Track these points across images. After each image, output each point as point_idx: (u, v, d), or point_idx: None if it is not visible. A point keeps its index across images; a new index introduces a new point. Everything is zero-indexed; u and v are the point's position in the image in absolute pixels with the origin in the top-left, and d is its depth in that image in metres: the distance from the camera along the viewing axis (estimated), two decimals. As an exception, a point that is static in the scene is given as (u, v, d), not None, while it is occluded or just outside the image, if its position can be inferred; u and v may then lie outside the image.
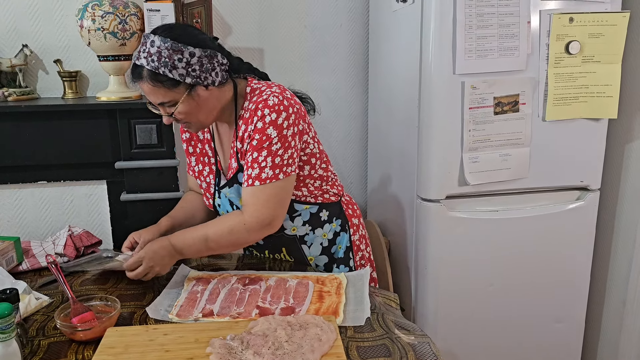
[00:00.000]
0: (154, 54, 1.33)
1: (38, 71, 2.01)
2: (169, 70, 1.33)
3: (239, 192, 1.51)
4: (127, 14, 1.82)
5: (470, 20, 1.77)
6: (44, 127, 1.87)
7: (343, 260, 1.67)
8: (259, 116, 1.40)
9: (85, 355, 1.17)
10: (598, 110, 1.92)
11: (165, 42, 1.33)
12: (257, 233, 1.45)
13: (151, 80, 1.35)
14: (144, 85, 1.37)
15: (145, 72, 1.34)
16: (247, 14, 2.27)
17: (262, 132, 1.40)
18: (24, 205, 1.98)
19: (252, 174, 1.42)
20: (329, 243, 1.65)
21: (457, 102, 1.83)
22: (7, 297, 1.17)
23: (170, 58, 1.33)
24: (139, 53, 1.36)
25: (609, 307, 2.25)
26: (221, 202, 1.59)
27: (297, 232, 1.60)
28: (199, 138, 1.63)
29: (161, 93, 1.36)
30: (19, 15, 1.95)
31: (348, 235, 1.68)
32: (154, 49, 1.33)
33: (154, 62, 1.33)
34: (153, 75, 1.34)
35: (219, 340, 1.15)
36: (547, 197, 2.01)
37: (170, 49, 1.33)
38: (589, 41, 1.86)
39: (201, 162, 1.63)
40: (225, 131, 1.56)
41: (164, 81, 1.34)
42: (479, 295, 2.02)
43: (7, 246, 1.60)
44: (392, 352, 1.18)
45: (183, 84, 1.36)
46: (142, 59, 1.34)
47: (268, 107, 1.40)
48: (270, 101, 1.40)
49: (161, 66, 1.33)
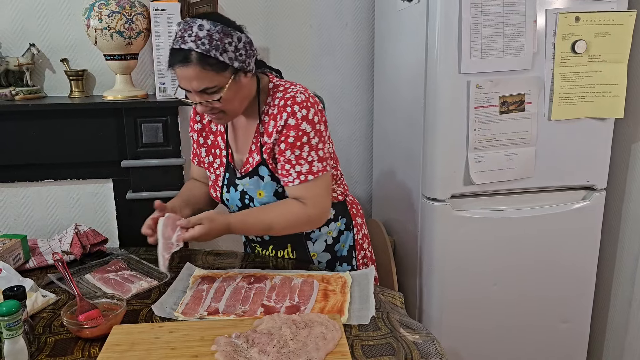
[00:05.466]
0: (204, 37, 1.32)
1: (45, 70, 2.02)
2: (219, 54, 1.33)
3: (258, 184, 1.52)
4: (133, 13, 1.82)
5: (476, 20, 1.76)
6: (51, 126, 1.88)
7: (346, 259, 1.68)
8: (289, 112, 1.43)
9: (92, 353, 1.18)
10: (604, 109, 1.92)
11: (215, 25, 1.33)
12: (317, 224, 1.54)
13: (200, 64, 1.33)
14: (189, 70, 1.34)
15: (194, 55, 1.32)
16: (253, 13, 2.28)
17: (296, 128, 1.43)
18: (31, 203, 1.99)
19: (301, 170, 1.46)
20: (333, 241, 1.66)
21: (463, 102, 1.82)
22: (14, 295, 1.18)
23: (221, 41, 1.33)
24: (182, 38, 1.33)
25: (614, 307, 2.24)
26: (230, 196, 1.59)
27: None
28: (212, 130, 1.62)
29: (208, 77, 1.35)
30: (26, 14, 1.96)
31: (352, 234, 1.69)
32: (203, 33, 1.32)
33: (204, 45, 1.32)
34: (203, 58, 1.32)
35: (224, 338, 1.16)
36: (552, 196, 2.01)
37: (221, 32, 1.33)
38: (595, 40, 1.85)
39: (212, 154, 1.63)
40: (242, 125, 1.56)
41: (213, 64, 1.33)
42: (484, 294, 2.02)
43: (14, 244, 1.61)
44: (396, 351, 1.18)
45: (230, 69, 1.36)
46: (189, 43, 1.32)
47: (297, 104, 1.43)
48: (299, 98, 1.44)
49: (212, 49, 1.32)
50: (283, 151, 1.46)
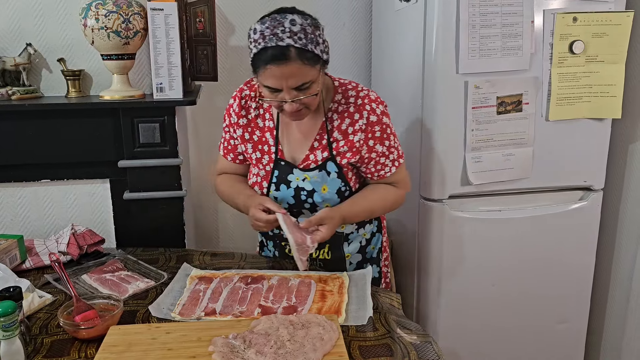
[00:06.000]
0: (299, 32, 1.30)
1: (42, 70, 2.01)
2: (314, 47, 1.32)
3: (324, 179, 1.52)
4: (130, 13, 1.82)
5: (473, 20, 1.76)
6: (48, 126, 1.87)
7: (375, 260, 1.71)
8: (369, 110, 1.49)
9: (88, 353, 1.18)
10: (602, 110, 1.92)
11: (306, 19, 1.33)
12: (403, 202, 1.66)
13: (300, 58, 1.30)
14: (289, 67, 1.31)
15: (293, 51, 1.30)
16: (250, 13, 2.27)
17: (379, 123, 1.50)
18: (27, 203, 1.98)
19: (394, 157, 1.56)
20: (366, 242, 1.68)
21: (460, 102, 1.82)
22: (10, 295, 1.18)
23: (314, 34, 1.32)
24: (275, 35, 1.29)
25: (612, 306, 2.24)
26: (281, 194, 1.55)
27: (345, 230, 1.62)
28: (258, 125, 1.58)
29: (306, 72, 1.33)
30: (23, 14, 1.95)
31: (381, 237, 1.72)
32: (297, 27, 1.30)
33: (301, 39, 1.30)
34: (302, 53, 1.30)
35: (222, 339, 1.16)
36: (550, 197, 2.01)
37: (312, 26, 1.33)
38: (593, 41, 1.85)
39: (259, 150, 1.59)
40: (300, 121, 1.50)
41: (310, 58, 1.32)
42: (482, 295, 2.02)
43: (10, 244, 1.60)
44: (394, 352, 1.18)
45: (320, 62, 1.36)
46: (286, 40, 1.29)
47: (373, 101, 1.50)
48: (372, 95, 1.52)
49: (309, 42, 1.31)
50: (373, 147, 1.51)
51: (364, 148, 1.51)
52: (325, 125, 1.51)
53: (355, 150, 1.51)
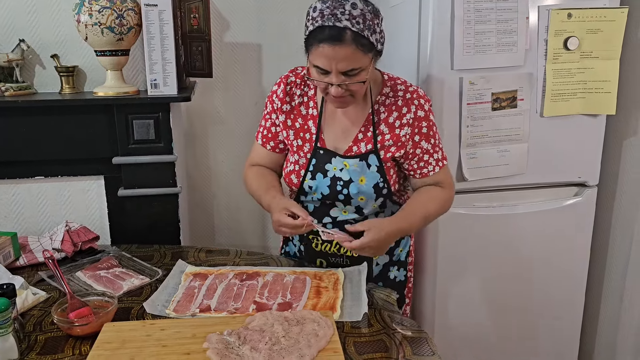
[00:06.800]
0: (358, 17, 1.29)
1: (35, 66, 2.00)
2: (370, 34, 1.31)
3: (364, 170, 1.49)
4: (124, 8, 1.81)
5: (468, 16, 1.76)
6: (41, 122, 1.86)
7: (402, 264, 1.69)
8: (417, 105, 1.48)
9: (82, 351, 1.18)
10: (596, 106, 1.92)
11: (367, 5, 1.32)
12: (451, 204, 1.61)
13: (354, 43, 1.29)
14: (342, 49, 1.29)
15: (349, 34, 1.28)
16: (245, 9, 2.26)
17: (427, 119, 1.50)
18: (21, 200, 1.97)
19: (439, 157, 1.55)
20: (395, 244, 1.63)
21: (455, 98, 1.83)
22: (4, 293, 1.17)
23: (372, 22, 1.32)
24: (334, 16, 1.28)
25: (606, 303, 2.25)
26: (316, 183, 1.52)
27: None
28: (301, 113, 1.56)
29: (358, 57, 1.32)
30: (16, 10, 1.94)
31: (409, 240, 1.70)
32: (357, 12, 1.29)
33: (359, 24, 1.29)
34: (357, 38, 1.29)
35: (216, 335, 1.15)
36: (545, 193, 2.01)
37: (372, 13, 1.32)
38: (588, 37, 1.85)
39: (300, 138, 1.56)
40: (345, 111, 1.50)
41: (365, 45, 1.31)
42: (476, 291, 2.03)
43: (4, 241, 1.60)
44: (389, 348, 1.18)
45: (373, 51, 1.35)
46: (344, 21, 1.28)
47: (421, 97, 1.50)
48: (421, 91, 1.51)
49: (366, 29, 1.30)
50: (418, 143, 1.50)
51: (409, 143, 1.50)
52: (371, 117, 1.50)
53: (400, 145, 1.49)
